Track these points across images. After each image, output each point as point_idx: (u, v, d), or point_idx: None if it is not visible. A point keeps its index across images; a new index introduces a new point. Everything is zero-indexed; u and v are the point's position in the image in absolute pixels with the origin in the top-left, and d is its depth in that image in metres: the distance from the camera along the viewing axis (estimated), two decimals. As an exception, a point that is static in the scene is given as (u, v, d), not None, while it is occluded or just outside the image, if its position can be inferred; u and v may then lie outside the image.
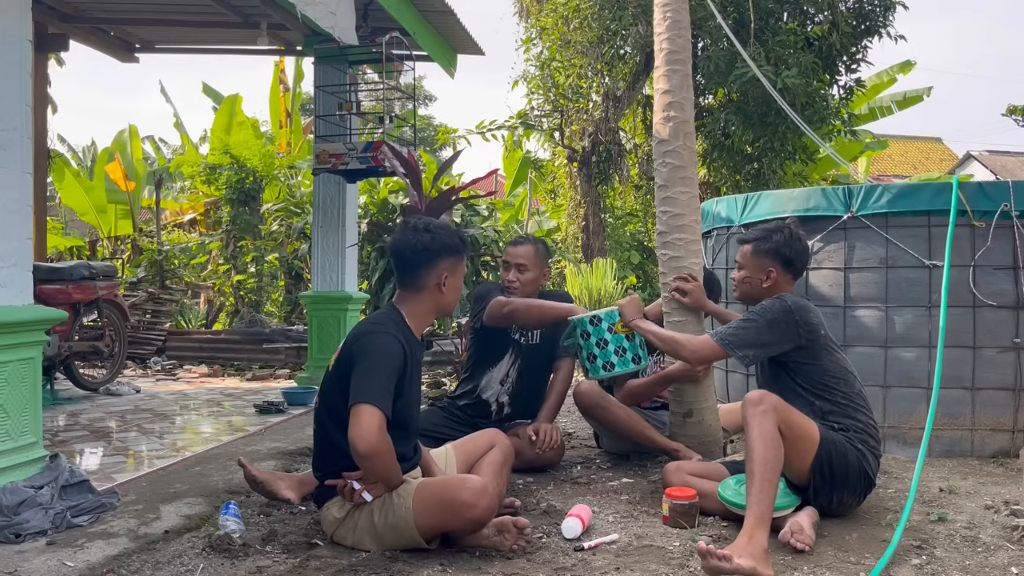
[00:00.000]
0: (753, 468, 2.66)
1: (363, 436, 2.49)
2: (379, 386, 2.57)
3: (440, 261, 2.79)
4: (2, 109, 3.07)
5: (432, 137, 19.60)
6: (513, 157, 12.47)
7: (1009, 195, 4.03)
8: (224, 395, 6.21)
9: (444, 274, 2.79)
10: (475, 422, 3.88)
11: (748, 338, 3.06)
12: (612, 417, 3.91)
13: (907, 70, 11.50)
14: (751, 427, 2.72)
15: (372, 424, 2.50)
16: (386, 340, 2.66)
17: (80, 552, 2.61)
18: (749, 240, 3.30)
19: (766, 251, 3.21)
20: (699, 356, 3.24)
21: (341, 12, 4.78)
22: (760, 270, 3.23)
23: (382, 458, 2.56)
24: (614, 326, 3.52)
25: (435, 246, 2.78)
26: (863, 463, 2.94)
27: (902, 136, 27.23)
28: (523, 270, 3.90)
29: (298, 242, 9.97)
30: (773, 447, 2.68)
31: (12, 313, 3.07)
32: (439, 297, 2.81)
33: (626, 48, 9.06)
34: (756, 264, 3.23)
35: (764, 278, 3.22)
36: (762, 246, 3.22)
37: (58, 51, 7.72)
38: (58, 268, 6.00)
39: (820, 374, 3.05)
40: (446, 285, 2.80)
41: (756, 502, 2.59)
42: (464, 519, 2.63)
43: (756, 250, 3.24)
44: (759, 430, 2.70)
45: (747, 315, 3.17)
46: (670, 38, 4.00)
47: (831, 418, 2.98)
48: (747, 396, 2.83)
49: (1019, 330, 4.04)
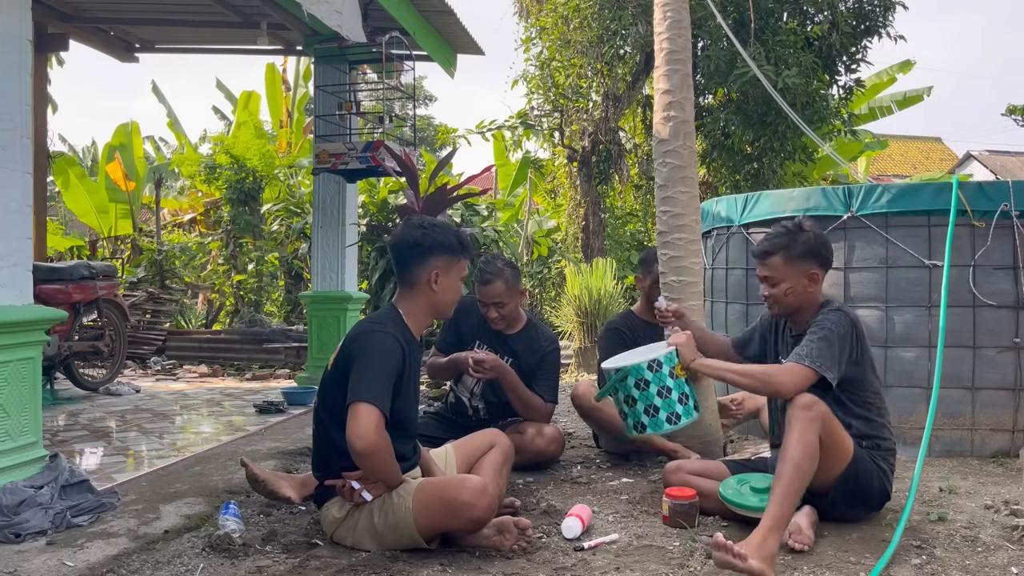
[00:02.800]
0: (784, 471, 2.59)
1: (361, 435, 2.49)
2: (377, 385, 2.57)
3: (431, 258, 2.77)
4: (2, 109, 3.07)
5: (432, 137, 19.60)
6: (499, 148, 12.39)
7: (1009, 195, 4.03)
8: (224, 395, 6.21)
9: (435, 272, 2.77)
10: (459, 422, 3.89)
11: (833, 356, 2.83)
12: (610, 420, 3.91)
13: (907, 70, 11.50)
14: (794, 430, 2.64)
15: (370, 423, 2.50)
16: (385, 339, 2.66)
17: (80, 552, 2.61)
18: (773, 250, 2.99)
19: (801, 255, 2.95)
20: (798, 386, 2.81)
21: (347, 11, 4.78)
22: (801, 276, 2.96)
23: (380, 457, 2.56)
24: (675, 369, 3.03)
25: (426, 242, 2.78)
26: (884, 483, 2.93)
27: (902, 136, 27.21)
28: (500, 307, 3.80)
29: (298, 242, 9.97)
30: (810, 456, 2.61)
31: (12, 313, 3.07)
32: (432, 296, 2.80)
33: (626, 48, 9.05)
34: (793, 272, 2.95)
35: (807, 283, 2.96)
36: (794, 251, 2.96)
37: (58, 51, 7.73)
38: (58, 268, 6.00)
39: (864, 390, 2.95)
40: (437, 283, 2.78)
41: (778, 504, 2.54)
42: (464, 519, 2.63)
43: (789, 257, 2.96)
44: (801, 436, 2.62)
45: (820, 331, 2.87)
46: (670, 38, 4.01)
47: (864, 434, 2.90)
48: (798, 398, 2.71)
49: (1019, 330, 4.04)
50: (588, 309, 7.98)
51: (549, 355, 3.89)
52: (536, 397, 3.80)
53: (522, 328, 3.94)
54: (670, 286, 3.96)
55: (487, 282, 3.79)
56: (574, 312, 8.11)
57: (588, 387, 3.98)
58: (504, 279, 3.79)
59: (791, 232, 3.00)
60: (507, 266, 3.86)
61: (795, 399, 2.72)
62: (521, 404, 3.76)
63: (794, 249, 2.96)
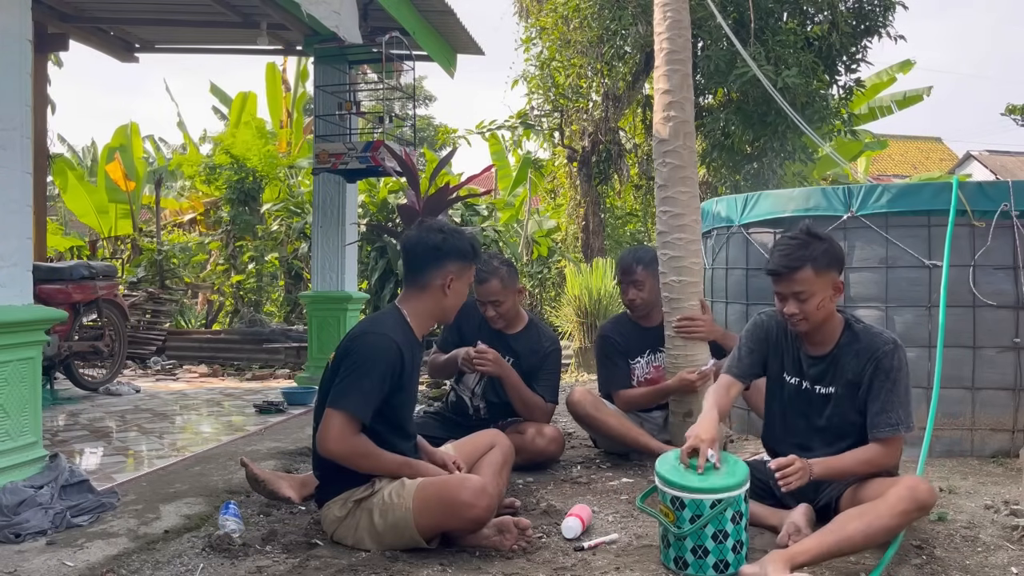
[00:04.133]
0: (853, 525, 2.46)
1: (328, 441, 2.62)
2: (357, 391, 2.62)
3: (448, 263, 2.82)
4: (2, 109, 3.07)
5: (432, 137, 19.59)
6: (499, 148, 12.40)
7: (1009, 195, 4.02)
8: (224, 395, 6.21)
9: (451, 276, 2.82)
10: (459, 421, 3.89)
11: (909, 404, 2.75)
12: (605, 427, 3.93)
13: (907, 70, 11.50)
14: (891, 502, 2.50)
15: (336, 431, 2.60)
16: (378, 341, 2.69)
17: (80, 552, 2.61)
18: (799, 264, 2.75)
19: (827, 265, 2.78)
20: (899, 455, 2.80)
21: (345, 11, 4.79)
22: (828, 286, 2.79)
23: (354, 461, 2.66)
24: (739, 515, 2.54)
25: (446, 247, 2.82)
26: None
27: (902, 136, 27.21)
28: (497, 305, 3.82)
29: (298, 242, 9.96)
30: (882, 536, 2.49)
31: (12, 313, 3.07)
32: (442, 299, 2.84)
33: (626, 48, 9.05)
34: (822, 283, 2.76)
35: (833, 293, 2.81)
36: (821, 262, 2.76)
37: (58, 51, 7.72)
38: (58, 268, 6.00)
39: None
40: (451, 288, 2.83)
41: (827, 546, 2.43)
42: (464, 519, 2.64)
43: (818, 268, 2.75)
44: (899, 519, 2.49)
45: (890, 382, 2.74)
46: (670, 38, 4.01)
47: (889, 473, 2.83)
48: (910, 481, 2.59)
49: (1019, 330, 4.03)
50: (588, 309, 7.99)
51: (550, 355, 3.89)
52: (537, 397, 3.80)
53: (523, 328, 3.94)
54: (670, 286, 3.96)
55: (483, 280, 3.79)
56: (574, 312, 8.11)
57: (582, 395, 3.98)
58: (500, 277, 3.79)
59: (807, 242, 2.79)
60: (503, 264, 3.86)
61: (905, 482, 2.60)
62: (522, 404, 3.76)
63: (820, 260, 2.76)
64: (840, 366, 2.85)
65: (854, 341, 2.85)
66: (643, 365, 4.15)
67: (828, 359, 2.88)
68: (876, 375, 2.76)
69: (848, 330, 2.88)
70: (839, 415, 2.85)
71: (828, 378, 2.88)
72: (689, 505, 2.48)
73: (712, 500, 2.46)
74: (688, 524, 2.47)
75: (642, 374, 4.14)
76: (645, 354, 4.16)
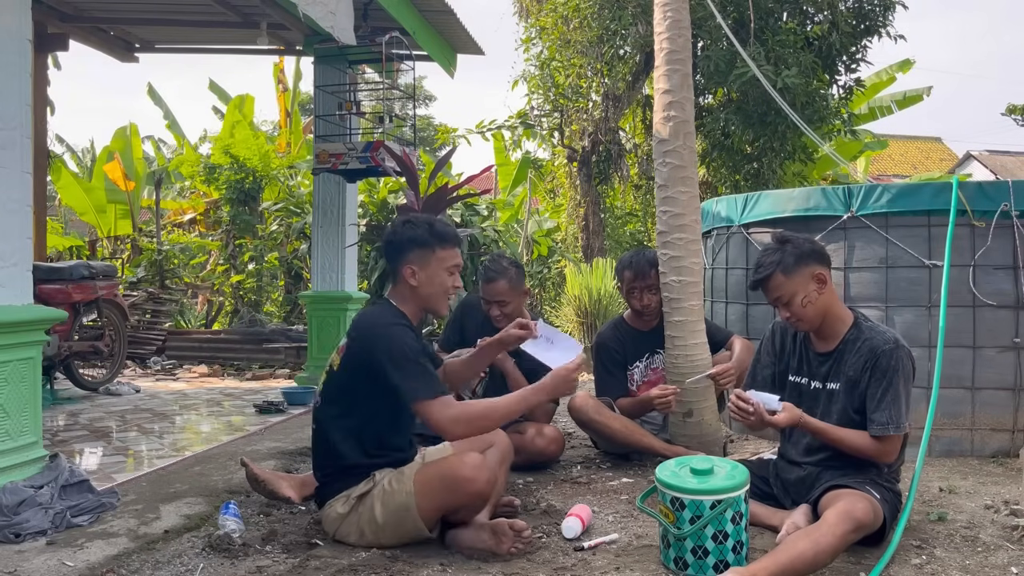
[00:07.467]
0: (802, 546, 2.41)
1: (448, 435, 2.68)
2: (419, 376, 2.64)
3: (406, 254, 2.81)
4: (2, 109, 3.08)
5: (432, 137, 19.58)
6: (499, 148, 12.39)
7: (1009, 195, 4.03)
8: (224, 395, 6.21)
9: (410, 267, 2.81)
10: None
11: (903, 405, 2.75)
12: (609, 430, 3.90)
13: (907, 69, 11.49)
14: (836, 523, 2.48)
15: (444, 419, 2.62)
16: (400, 331, 2.71)
17: (80, 552, 2.61)
18: (769, 272, 2.85)
19: (796, 262, 2.83)
20: (895, 454, 2.81)
21: (340, 12, 4.78)
22: (807, 280, 2.82)
23: (473, 427, 2.70)
24: (739, 515, 2.54)
25: (398, 239, 2.83)
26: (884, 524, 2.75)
27: (902, 136, 27.22)
28: (503, 305, 3.82)
29: (298, 242, 9.96)
30: (830, 556, 2.46)
31: (12, 313, 3.07)
32: (414, 290, 2.82)
33: (626, 48, 9.05)
34: (798, 280, 2.82)
35: (817, 285, 2.83)
36: (788, 263, 2.83)
37: (58, 51, 7.72)
38: (58, 268, 6.00)
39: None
40: (416, 278, 2.81)
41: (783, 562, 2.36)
42: (466, 493, 2.64)
43: (787, 270, 2.83)
44: (840, 540, 2.46)
45: (885, 381, 2.75)
46: (670, 38, 4.01)
47: (887, 478, 2.83)
48: (863, 508, 2.57)
49: (1019, 330, 4.04)
50: (588, 309, 7.99)
51: None
52: None
53: None
54: (670, 286, 3.96)
55: (491, 280, 3.80)
56: (574, 312, 8.11)
57: (583, 400, 3.95)
58: (508, 278, 3.80)
59: (776, 249, 2.89)
60: (512, 265, 3.87)
61: (858, 505, 2.58)
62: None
63: (786, 262, 2.83)
64: (843, 362, 2.86)
65: (858, 338, 2.86)
66: (642, 369, 4.13)
67: (834, 355, 2.90)
68: (873, 373, 2.78)
69: (855, 327, 2.90)
70: (841, 411, 2.86)
71: (833, 374, 2.90)
72: (689, 506, 2.48)
73: (712, 501, 2.47)
74: (688, 525, 2.48)
75: (641, 378, 4.12)
76: (644, 358, 4.13)
